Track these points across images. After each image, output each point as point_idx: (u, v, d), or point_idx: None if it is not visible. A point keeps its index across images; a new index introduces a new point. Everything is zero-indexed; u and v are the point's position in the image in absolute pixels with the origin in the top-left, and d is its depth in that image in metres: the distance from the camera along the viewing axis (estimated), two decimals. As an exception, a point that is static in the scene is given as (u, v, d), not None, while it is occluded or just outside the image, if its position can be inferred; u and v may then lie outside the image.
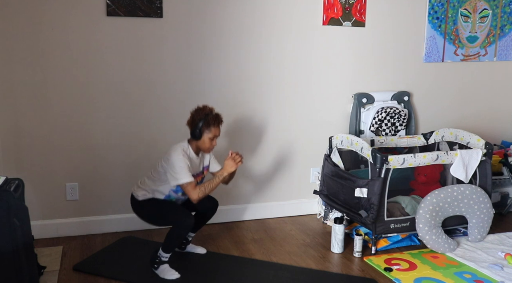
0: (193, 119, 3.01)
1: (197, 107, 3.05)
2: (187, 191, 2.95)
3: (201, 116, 2.98)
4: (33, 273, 2.66)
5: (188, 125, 3.04)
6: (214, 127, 3.00)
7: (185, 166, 2.93)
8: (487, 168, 3.57)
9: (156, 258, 3.00)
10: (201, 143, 3.02)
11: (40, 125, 3.47)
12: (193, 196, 2.94)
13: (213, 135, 3.01)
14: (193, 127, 2.99)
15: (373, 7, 4.03)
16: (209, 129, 2.98)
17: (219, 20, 3.69)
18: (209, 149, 3.06)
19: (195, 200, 2.96)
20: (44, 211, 3.55)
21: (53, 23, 3.37)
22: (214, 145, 3.06)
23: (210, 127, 2.98)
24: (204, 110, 3.01)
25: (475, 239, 3.52)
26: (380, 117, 3.98)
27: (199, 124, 2.96)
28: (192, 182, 2.94)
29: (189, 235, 3.31)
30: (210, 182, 3.01)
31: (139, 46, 3.56)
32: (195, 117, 3.00)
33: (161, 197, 3.06)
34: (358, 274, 3.13)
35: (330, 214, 3.85)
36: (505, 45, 4.52)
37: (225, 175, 3.04)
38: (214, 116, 3.00)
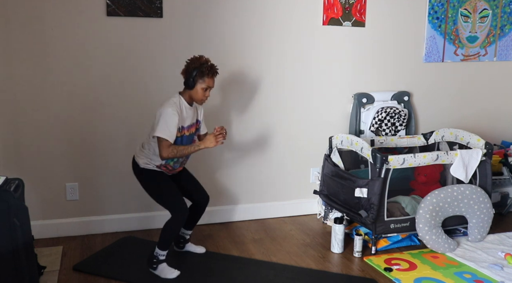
0: (187, 68, 2.96)
1: (193, 57, 3.00)
2: (160, 146, 2.87)
3: (196, 65, 2.93)
4: (33, 273, 2.66)
5: (182, 74, 2.99)
6: (208, 78, 2.94)
7: (171, 123, 2.87)
8: (487, 168, 3.57)
9: (154, 258, 2.99)
10: (194, 92, 2.97)
11: (40, 125, 3.47)
12: (163, 153, 2.86)
13: (206, 86, 2.96)
14: (187, 76, 2.95)
15: (373, 7, 4.03)
16: (203, 79, 2.93)
17: (219, 20, 3.70)
18: (201, 99, 3.01)
19: (163, 157, 2.88)
20: (44, 211, 3.55)
21: (53, 23, 3.37)
22: (207, 96, 3.00)
23: (204, 77, 2.93)
24: (200, 59, 2.96)
25: (475, 239, 3.52)
26: (380, 117, 3.98)
27: (193, 73, 2.92)
28: (169, 140, 2.87)
29: (186, 233, 3.31)
30: (185, 147, 2.94)
31: (139, 46, 3.56)
32: (189, 66, 2.95)
33: (158, 161, 3.00)
34: (358, 274, 3.13)
35: (330, 214, 3.84)
36: (505, 45, 4.52)
37: (201, 147, 2.96)
38: (209, 66, 2.95)
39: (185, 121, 3.00)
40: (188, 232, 3.32)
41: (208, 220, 3.88)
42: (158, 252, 2.98)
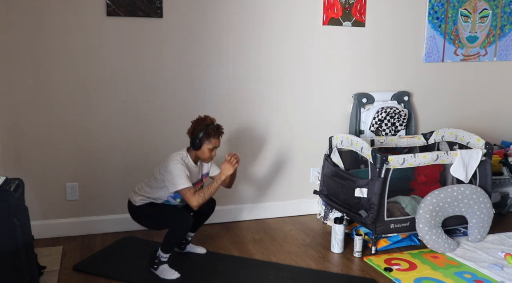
0: (193, 130, 2.99)
1: (198, 117, 3.03)
2: (187, 198, 2.93)
3: (202, 127, 2.96)
4: (33, 273, 2.66)
5: (188, 135, 3.03)
6: (214, 139, 2.99)
7: (183, 174, 2.92)
8: (487, 168, 3.57)
9: (155, 259, 3.00)
10: (200, 153, 3.01)
11: (40, 126, 3.47)
12: (192, 203, 2.93)
13: (213, 146, 3.00)
14: (193, 137, 2.98)
15: (373, 7, 4.03)
16: (209, 140, 2.97)
17: (219, 20, 3.70)
18: (208, 159, 3.06)
19: (195, 206, 2.94)
20: (44, 211, 3.55)
21: (53, 23, 3.37)
22: (213, 155, 3.05)
23: (210, 138, 2.97)
24: (205, 120, 3.00)
25: (475, 239, 3.52)
26: (380, 117, 3.98)
27: (200, 135, 2.95)
28: (191, 187, 2.93)
29: (188, 234, 3.31)
30: (209, 187, 2.99)
31: (139, 46, 3.56)
32: (195, 127, 2.99)
33: (158, 200, 3.06)
34: (358, 274, 3.13)
35: (330, 214, 3.84)
36: (505, 45, 4.52)
37: (223, 178, 3.02)
38: (215, 127, 2.99)
39: (191, 178, 3.00)
40: (190, 234, 3.32)
41: (208, 220, 3.86)
42: (160, 254, 2.98)
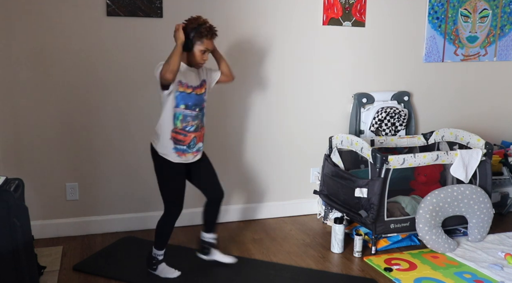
0: (184, 29, 2.79)
1: (190, 17, 2.85)
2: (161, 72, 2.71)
3: (193, 25, 2.78)
4: (33, 273, 2.66)
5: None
6: (206, 39, 2.80)
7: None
8: (487, 168, 3.57)
9: (152, 259, 2.99)
10: (191, 55, 2.83)
11: (40, 126, 3.47)
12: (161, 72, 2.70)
13: (204, 48, 2.82)
14: (184, 37, 2.78)
15: (373, 7, 4.03)
16: (201, 40, 2.79)
17: (219, 20, 3.68)
18: (199, 62, 2.87)
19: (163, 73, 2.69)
20: (44, 211, 3.55)
21: (53, 23, 3.37)
22: (205, 59, 2.87)
23: (203, 38, 2.79)
24: (198, 20, 2.81)
25: (475, 239, 3.52)
26: (380, 117, 3.98)
27: (191, 34, 2.77)
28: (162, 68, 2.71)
29: (207, 237, 3.13)
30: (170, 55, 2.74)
31: (139, 46, 3.56)
32: (187, 27, 2.79)
33: (170, 125, 2.84)
34: (358, 274, 3.13)
35: (330, 214, 3.85)
36: (505, 45, 4.52)
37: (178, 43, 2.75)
38: (208, 27, 2.81)
39: (186, 79, 2.84)
40: (209, 236, 3.13)
41: (208, 220, 3.88)
42: (155, 252, 2.98)
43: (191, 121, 2.89)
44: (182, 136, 2.88)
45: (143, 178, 3.72)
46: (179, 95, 2.82)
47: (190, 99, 2.86)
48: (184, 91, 2.83)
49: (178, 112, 2.85)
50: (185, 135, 2.88)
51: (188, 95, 2.85)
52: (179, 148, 2.88)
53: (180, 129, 2.87)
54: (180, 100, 2.83)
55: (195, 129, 2.92)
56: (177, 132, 2.87)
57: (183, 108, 2.85)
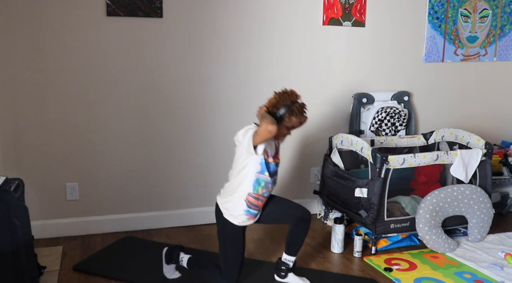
0: (276, 103, 2.74)
1: (283, 90, 2.79)
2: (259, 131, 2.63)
3: (287, 102, 2.72)
4: (33, 273, 2.66)
5: (268, 106, 2.78)
6: (296, 117, 2.74)
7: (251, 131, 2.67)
8: (487, 168, 3.57)
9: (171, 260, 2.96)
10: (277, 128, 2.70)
11: (40, 126, 3.47)
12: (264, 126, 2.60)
13: (291, 125, 2.78)
14: (274, 111, 2.72)
15: (373, 7, 4.03)
16: (291, 118, 2.73)
17: (219, 20, 3.69)
18: (282, 138, 2.85)
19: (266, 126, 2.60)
20: (44, 211, 3.55)
21: (53, 23, 3.37)
22: (289, 134, 2.85)
23: (292, 116, 2.73)
24: (291, 96, 2.75)
25: (475, 239, 3.52)
26: (380, 117, 3.98)
27: (281, 110, 2.71)
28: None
29: (288, 259, 2.98)
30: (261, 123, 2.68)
31: (139, 46, 3.56)
32: (279, 101, 2.73)
33: (249, 188, 2.78)
34: (358, 274, 3.13)
35: (330, 214, 3.85)
36: (505, 45, 4.52)
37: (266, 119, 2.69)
38: (300, 105, 2.75)
39: (269, 148, 2.81)
40: (290, 259, 2.97)
41: (208, 220, 3.88)
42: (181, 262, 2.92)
43: (270, 187, 2.87)
44: (259, 202, 2.85)
45: (143, 178, 3.72)
46: (264, 162, 2.78)
47: (271, 168, 2.82)
48: (266, 159, 2.79)
49: (261, 179, 2.80)
50: (261, 201, 2.86)
51: (269, 164, 2.81)
52: (251, 212, 2.84)
53: (259, 195, 2.83)
54: (264, 168, 2.78)
55: (268, 195, 2.91)
56: (256, 198, 2.82)
57: (267, 175, 2.81)
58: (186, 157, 3.78)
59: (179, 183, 3.81)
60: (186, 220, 3.84)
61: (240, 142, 2.76)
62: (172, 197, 3.79)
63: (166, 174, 3.76)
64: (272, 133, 2.62)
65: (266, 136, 2.64)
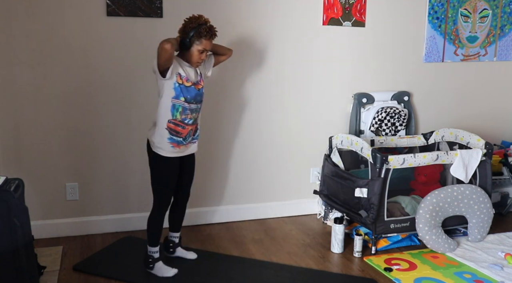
0: (184, 27, 2.83)
1: (191, 15, 2.87)
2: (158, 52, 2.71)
3: (193, 25, 2.80)
4: (33, 273, 2.66)
5: (179, 33, 2.87)
6: (205, 40, 2.81)
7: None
8: (487, 168, 3.57)
9: (148, 258, 3.00)
10: (189, 54, 2.85)
11: (40, 126, 3.47)
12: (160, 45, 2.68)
13: (203, 48, 2.83)
14: (184, 36, 2.81)
15: (373, 7, 4.03)
16: (200, 40, 2.81)
17: (219, 21, 3.68)
18: (197, 62, 2.89)
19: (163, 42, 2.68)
20: (44, 211, 3.55)
21: (53, 23, 3.37)
22: (203, 58, 2.89)
23: (201, 38, 2.80)
24: (199, 19, 2.83)
25: (475, 239, 3.52)
26: (380, 117, 3.98)
27: (190, 33, 2.79)
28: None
29: (173, 235, 3.24)
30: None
31: (139, 46, 3.56)
32: (187, 25, 2.82)
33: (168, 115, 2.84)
34: (358, 274, 3.13)
35: (330, 214, 3.84)
36: (505, 45, 4.52)
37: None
38: (208, 27, 2.82)
39: (185, 73, 2.86)
40: (175, 235, 3.23)
41: (208, 220, 3.88)
42: (150, 249, 2.99)
43: (189, 114, 2.91)
44: (180, 129, 2.90)
45: (143, 178, 3.71)
46: (178, 87, 2.84)
47: (189, 93, 2.88)
48: (183, 84, 2.85)
49: (177, 104, 2.86)
50: (183, 128, 2.91)
51: (187, 89, 2.86)
52: (174, 139, 2.91)
53: (179, 121, 2.89)
54: (179, 93, 2.85)
55: (192, 122, 2.96)
56: (176, 124, 2.89)
57: (182, 100, 2.86)
58: (186, 157, 3.78)
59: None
60: (186, 220, 3.82)
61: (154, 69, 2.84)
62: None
63: (166, 174, 3.76)
64: (168, 51, 2.67)
65: (164, 55, 2.69)
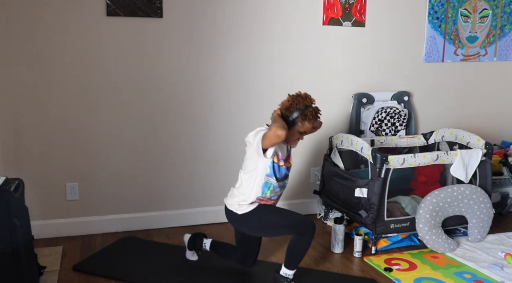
0: (290, 106, 2.73)
1: (298, 94, 2.77)
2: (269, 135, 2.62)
3: (300, 106, 2.71)
4: (33, 273, 2.67)
5: (281, 109, 2.78)
6: (309, 122, 2.74)
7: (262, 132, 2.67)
8: (487, 168, 3.57)
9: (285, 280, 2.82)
10: (288, 133, 2.70)
11: (40, 126, 3.47)
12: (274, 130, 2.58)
13: (304, 130, 2.77)
14: (287, 114, 2.72)
15: (373, 7, 4.03)
16: (304, 123, 2.74)
17: (219, 20, 3.69)
18: (294, 142, 2.85)
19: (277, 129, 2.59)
20: (44, 211, 3.55)
21: (53, 23, 3.37)
22: (301, 139, 2.85)
23: (305, 121, 2.73)
24: (305, 100, 2.73)
25: (475, 239, 3.52)
26: (380, 117, 3.98)
27: (294, 114, 2.71)
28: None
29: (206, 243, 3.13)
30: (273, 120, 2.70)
31: (139, 46, 3.56)
32: (292, 104, 2.73)
33: (258, 192, 2.80)
34: (358, 274, 3.13)
35: (330, 214, 3.85)
36: (505, 45, 4.52)
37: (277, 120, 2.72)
38: (314, 110, 2.74)
39: (281, 152, 2.81)
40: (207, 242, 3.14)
41: (208, 220, 3.88)
42: (286, 272, 2.83)
43: (278, 191, 2.89)
44: (264, 202, 2.88)
45: (143, 178, 3.72)
46: (273, 166, 2.77)
47: (281, 172, 2.82)
48: (277, 163, 2.79)
49: (270, 182, 2.81)
50: (266, 202, 2.89)
51: (279, 168, 2.81)
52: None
53: (267, 199, 2.86)
54: (273, 171, 2.78)
55: (277, 198, 2.94)
56: (262, 200, 2.86)
57: (274, 179, 2.81)
58: (186, 157, 3.78)
59: (179, 183, 3.81)
60: (186, 220, 3.84)
61: (250, 143, 2.75)
62: (172, 197, 3.79)
63: (166, 174, 3.76)
64: (280, 138, 2.61)
65: (275, 141, 2.63)
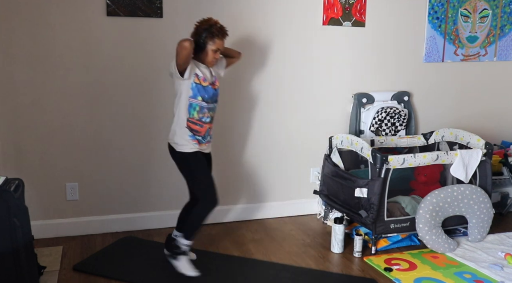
0: (197, 30, 2.96)
1: (202, 19, 3.00)
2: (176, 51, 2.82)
3: (205, 26, 2.94)
4: (33, 273, 2.67)
5: (192, 36, 2.98)
6: (218, 39, 2.95)
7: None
8: (487, 168, 3.57)
9: (178, 248, 2.96)
10: (203, 54, 2.97)
11: (40, 126, 3.47)
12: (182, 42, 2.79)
13: (216, 47, 2.96)
14: (197, 38, 2.94)
15: (373, 7, 4.04)
16: (213, 40, 2.94)
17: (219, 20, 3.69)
18: (211, 61, 3.01)
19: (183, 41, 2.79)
20: (44, 211, 3.55)
21: (53, 23, 3.37)
22: (216, 57, 3.02)
23: (214, 38, 2.94)
24: (209, 21, 2.97)
25: (475, 239, 3.52)
26: (380, 117, 3.98)
27: (203, 34, 2.93)
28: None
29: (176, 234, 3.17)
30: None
31: (139, 46, 3.56)
32: (199, 27, 2.96)
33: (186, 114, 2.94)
34: (358, 274, 3.13)
35: (330, 214, 3.85)
36: (505, 45, 4.52)
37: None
38: (219, 27, 2.96)
39: (202, 73, 2.96)
40: (178, 234, 3.13)
41: (208, 220, 3.87)
42: (184, 242, 2.96)
43: (207, 112, 3.00)
44: (198, 127, 2.98)
45: (143, 178, 3.72)
46: (195, 87, 2.93)
47: (207, 92, 2.97)
48: (200, 84, 2.94)
49: (194, 103, 2.95)
50: (200, 126, 2.99)
51: (204, 88, 2.96)
52: (195, 137, 2.99)
53: (196, 120, 2.97)
54: (197, 92, 2.94)
55: (210, 121, 3.04)
56: (193, 122, 2.97)
57: (200, 100, 2.95)
58: (186, 157, 3.78)
59: (179, 183, 3.79)
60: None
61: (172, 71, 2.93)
62: (172, 197, 3.79)
63: (166, 174, 3.75)
64: (187, 49, 2.78)
65: (183, 53, 2.80)
